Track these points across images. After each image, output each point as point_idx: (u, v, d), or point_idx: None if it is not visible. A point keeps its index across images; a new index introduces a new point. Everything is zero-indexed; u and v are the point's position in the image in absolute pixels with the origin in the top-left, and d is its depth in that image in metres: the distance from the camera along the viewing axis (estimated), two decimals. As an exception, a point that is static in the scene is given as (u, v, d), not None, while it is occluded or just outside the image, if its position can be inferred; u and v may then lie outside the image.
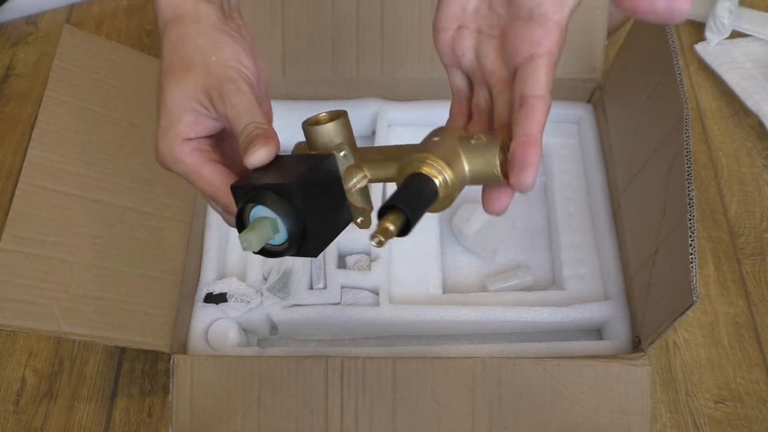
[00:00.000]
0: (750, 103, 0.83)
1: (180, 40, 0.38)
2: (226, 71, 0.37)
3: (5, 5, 0.92)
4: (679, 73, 0.55)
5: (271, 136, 0.36)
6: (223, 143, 0.39)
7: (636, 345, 0.61)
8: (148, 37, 0.92)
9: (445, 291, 0.68)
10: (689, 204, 0.50)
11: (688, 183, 0.51)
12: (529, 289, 0.68)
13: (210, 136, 0.39)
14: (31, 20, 0.93)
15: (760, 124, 0.82)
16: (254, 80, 0.39)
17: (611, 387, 0.57)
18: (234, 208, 0.36)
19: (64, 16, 0.94)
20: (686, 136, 0.52)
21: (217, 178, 0.37)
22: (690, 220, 0.50)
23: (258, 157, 0.35)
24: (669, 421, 0.65)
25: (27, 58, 0.90)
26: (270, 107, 0.42)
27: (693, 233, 0.50)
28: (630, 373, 0.57)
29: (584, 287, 0.67)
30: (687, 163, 0.51)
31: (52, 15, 0.94)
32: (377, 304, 0.64)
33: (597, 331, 0.67)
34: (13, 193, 0.55)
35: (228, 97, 0.36)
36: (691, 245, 0.49)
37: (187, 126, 0.37)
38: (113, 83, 0.64)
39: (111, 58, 0.64)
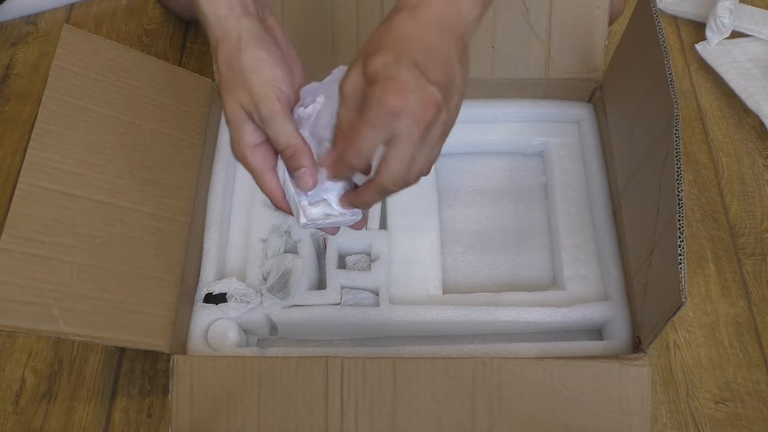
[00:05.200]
0: (750, 103, 0.83)
1: (229, 57, 0.44)
2: (264, 90, 0.43)
3: (5, 5, 0.92)
4: (670, 74, 0.55)
5: (304, 153, 0.44)
6: None
7: (636, 345, 0.61)
8: (147, 36, 0.92)
9: (445, 291, 0.68)
10: (678, 204, 0.50)
11: (678, 183, 0.51)
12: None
13: None
14: (31, 20, 0.93)
15: (761, 124, 0.82)
16: (288, 89, 0.45)
17: (611, 387, 0.57)
18: (282, 207, 0.46)
19: (64, 16, 0.94)
20: (676, 137, 0.52)
21: (276, 187, 0.45)
22: (679, 220, 0.50)
23: (305, 183, 0.44)
24: (669, 422, 0.65)
25: (26, 57, 0.90)
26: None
27: (682, 233, 0.50)
28: (630, 373, 0.57)
29: (585, 287, 0.66)
30: (677, 164, 0.51)
31: (52, 15, 0.94)
32: (377, 304, 0.64)
33: (597, 332, 0.67)
34: (12, 193, 0.55)
35: (266, 120, 0.43)
36: (680, 246, 0.49)
37: (250, 134, 0.44)
38: (113, 83, 0.64)
39: (111, 58, 0.64)
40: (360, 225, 0.51)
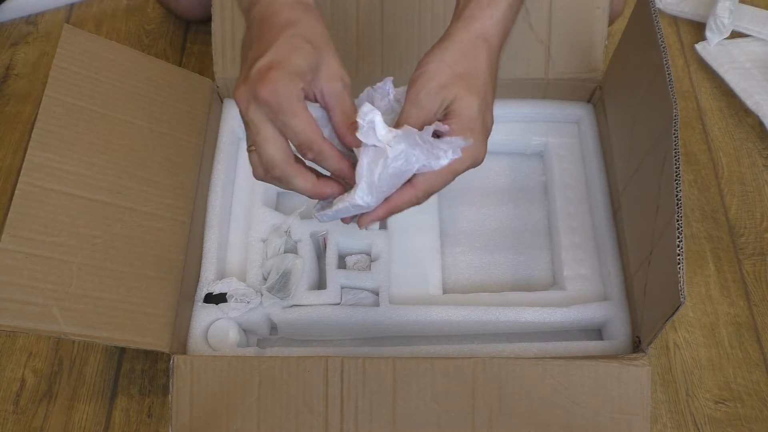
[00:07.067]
0: (750, 103, 0.83)
1: (317, 21, 0.47)
2: (338, 71, 0.46)
3: (5, 5, 0.92)
4: (669, 74, 0.55)
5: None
6: None
7: (636, 345, 0.61)
8: (147, 36, 0.92)
9: (445, 291, 0.68)
10: (677, 204, 0.50)
11: (677, 184, 0.51)
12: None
13: None
14: (31, 20, 0.93)
15: (761, 124, 0.82)
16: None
17: (611, 387, 0.57)
18: (327, 154, 0.45)
19: (64, 16, 0.94)
20: (675, 137, 0.52)
21: (316, 126, 0.44)
22: (678, 221, 0.50)
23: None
24: (669, 422, 0.65)
25: (27, 57, 0.90)
26: None
27: (680, 234, 0.50)
28: (630, 373, 0.57)
29: (584, 287, 0.67)
30: (676, 164, 0.51)
31: (52, 15, 0.94)
32: (377, 304, 0.64)
33: (597, 331, 0.67)
34: (13, 193, 0.55)
35: (342, 91, 0.46)
36: (678, 246, 0.49)
37: (310, 80, 0.44)
38: (113, 83, 0.64)
39: (111, 58, 0.64)
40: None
